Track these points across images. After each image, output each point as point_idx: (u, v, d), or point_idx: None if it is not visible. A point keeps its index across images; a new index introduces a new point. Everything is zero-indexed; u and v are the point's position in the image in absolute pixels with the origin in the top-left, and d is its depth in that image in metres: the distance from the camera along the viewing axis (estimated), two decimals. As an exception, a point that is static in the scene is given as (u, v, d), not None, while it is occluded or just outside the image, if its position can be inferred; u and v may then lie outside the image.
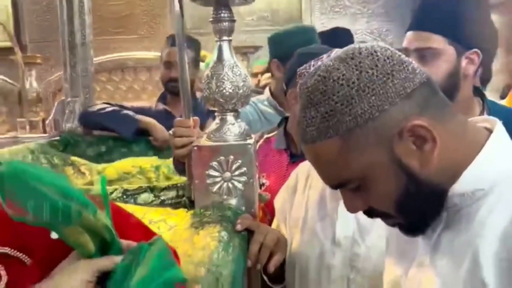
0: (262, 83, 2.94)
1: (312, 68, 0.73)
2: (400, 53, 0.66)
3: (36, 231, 0.58)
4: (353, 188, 0.67)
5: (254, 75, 2.77)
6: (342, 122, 0.63)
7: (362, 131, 0.62)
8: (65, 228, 0.55)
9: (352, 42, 2.08)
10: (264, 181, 1.55)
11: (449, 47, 1.26)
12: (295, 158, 1.47)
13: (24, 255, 0.61)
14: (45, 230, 0.62)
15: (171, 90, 2.13)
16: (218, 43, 1.22)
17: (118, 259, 0.57)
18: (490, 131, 0.68)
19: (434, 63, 1.26)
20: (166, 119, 2.11)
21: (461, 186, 0.65)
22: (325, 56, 1.04)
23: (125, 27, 4.41)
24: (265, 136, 1.62)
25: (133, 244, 0.60)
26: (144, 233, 0.67)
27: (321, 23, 4.44)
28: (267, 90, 2.02)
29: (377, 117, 0.62)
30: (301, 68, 1.14)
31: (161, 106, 2.19)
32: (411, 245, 0.74)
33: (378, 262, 0.95)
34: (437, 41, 1.26)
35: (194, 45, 2.16)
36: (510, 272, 0.58)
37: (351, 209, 0.70)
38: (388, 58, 0.64)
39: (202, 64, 2.49)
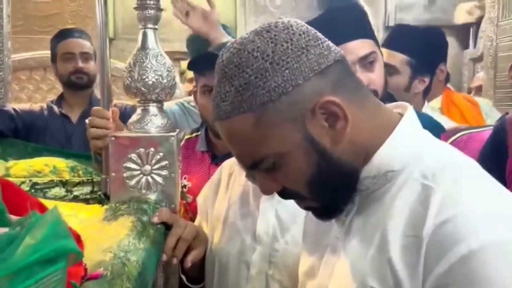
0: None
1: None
2: (315, 30, 0.65)
3: None
4: (267, 169, 0.65)
5: (189, 80, 2.71)
6: (256, 96, 0.61)
7: (275, 106, 0.61)
8: None
9: None
10: (186, 183, 1.51)
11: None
12: (217, 160, 1.44)
13: None
14: None
15: (74, 82, 2.03)
16: (142, 30, 1.17)
17: (1, 230, 0.50)
18: (402, 116, 0.69)
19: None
20: (62, 123, 2.03)
21: (373, 167, 0.65)
22: None
23: (53, 27, 4.21)
24: (186, 137, 1.58)
25: (26, 220, 0.54)
26: (42, 211, 0.60)
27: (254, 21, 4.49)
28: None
29: (290, 92, 0.60)
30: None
31: (55, 109, 2.06)
32: (326, 232, 0.73)
33: (297, 258, 0.94)
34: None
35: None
36: (416, 250, 0.58)
37: (266, 190, 0.68)
38: (303, 33, 0.63)
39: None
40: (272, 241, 1.05)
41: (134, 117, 1.19)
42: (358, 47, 1.23)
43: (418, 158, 0.65)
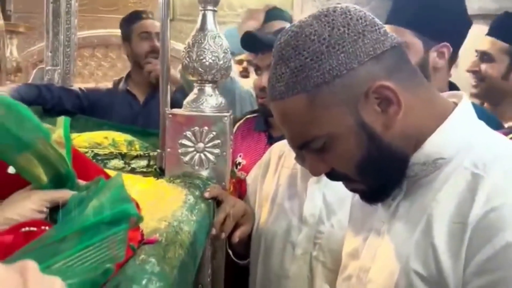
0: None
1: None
2: (373, 16, 0.66)
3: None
4: (316, 150, 0.67)
5: (239, 62, 2.74)
6: (310, 77, 0.62)
7: (329, 88, 0.62)
8: (18, 157, 0.54)
9: None
10: (240, 160, 1.55)
11: (416, 40, 1.28)
12: (273, 140, 1.47)
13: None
14: (2, 164, 0.60)
15: (148, 63, 2.09)
16: (202, 11, 1.20)
17: (71, 193, 0.55)
18: (457, 105, 0.69)
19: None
20: (129, 103, 2.09)
21: (423, 154, 0.65)
22: None
23: (115, 6, 4.35)
24: (247, 116, 1.61)
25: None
26: (106, 178, 0.65)
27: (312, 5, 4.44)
28: None
29: (344, 75, 0.62)
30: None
31: (123, 87, 2.12)
32: (371, 216, 0.74)
33: (341, 241, 0.96)
34: (402, 34, 1.26)
35: None
36: (460, 236, 0.59)
37: (314, 171, 0.70)
38: (361, 18, 0.64)
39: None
40: (318, 223, 1.07)
41: (190, 96, 1.24)
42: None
43: (469, 147, 0.64)
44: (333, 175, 0.70)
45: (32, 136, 0.53)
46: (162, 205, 0.91)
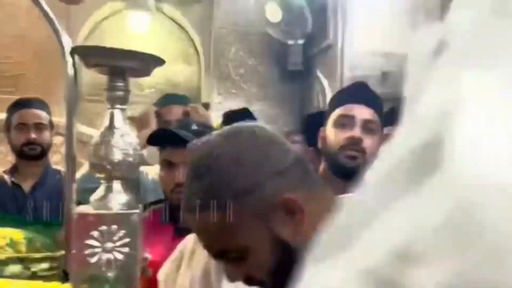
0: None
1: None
2: (276, 134, 0.73)
3: None
4: (233, 258, 0.70)
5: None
6: (223, 195, 0.67)
7: (240, 204, 0.67)
8: None
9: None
10: (147, 255, 1.51)
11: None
12: (181, 232, 1.46)
13: None
14: None
15: (27, 153, 2.04)
16: (110, 110, 1.21)
17: None
18: None
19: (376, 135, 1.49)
20: (13, 194, 2.01)
21: None
22: None
23: (14, 87, 4.18)
24: (151, 207, 1.60)
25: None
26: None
27: (218, 102, 4.62)
28: None
29: (254, 191, 0.67)
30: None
31: (7, 180, 2.07)
32: None
33: None
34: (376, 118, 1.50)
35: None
36: None
37: (231, 278, 0.73)
38: (266, 137, 0.70)
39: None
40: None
41: (97, 194, 1.21)
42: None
43: None
44: (249, 281, 0.72)
45: None
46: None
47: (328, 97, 4.07)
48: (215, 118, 2.91)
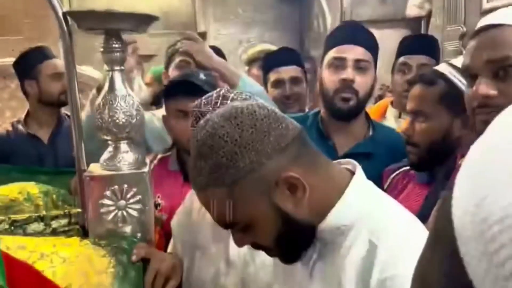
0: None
1: (202, 122, 0.80)
2: (276, 111, 0.76)
3: None
4: (240, 228, 0.76)
5: (148, 85, 2.75)
6: (227, 174, 0.71)
7: (244, 182, 0.71)
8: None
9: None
10: (159, 201, 1.58)
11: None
12: (189, 179, 1.51)
13: None
14: None
15: (63, 101, 2.04)
16: (110, 73, 1.23)
17: None
18: (351, 171, 0.81)
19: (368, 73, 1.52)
20: (31, 145, 2.04)
21: (329, 222, 0.77)
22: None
23: (5, 28, 4.08)
24: (159, 156, 1.65)
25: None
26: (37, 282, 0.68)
27: (216, 29, 4.52)
28: None
29: (256, 170, 0.71)
30: (193, 105, 1.16)
31: (23, 131, 2.06)
32: (292, 273, 0.85)
33: (265, 282, 1.05)
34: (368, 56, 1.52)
35: None
36: None
37: (239, 243, 0.81)
38: (265, 117, 0.73)
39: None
40: (244, 265, 1.15)
41: (106, 154, 1.26)
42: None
43: (368, 214, 0.76)
44: (255, 246, 0.80)
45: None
46: (92, 278, 0.94)
47: (328, 20, 3.99)
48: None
